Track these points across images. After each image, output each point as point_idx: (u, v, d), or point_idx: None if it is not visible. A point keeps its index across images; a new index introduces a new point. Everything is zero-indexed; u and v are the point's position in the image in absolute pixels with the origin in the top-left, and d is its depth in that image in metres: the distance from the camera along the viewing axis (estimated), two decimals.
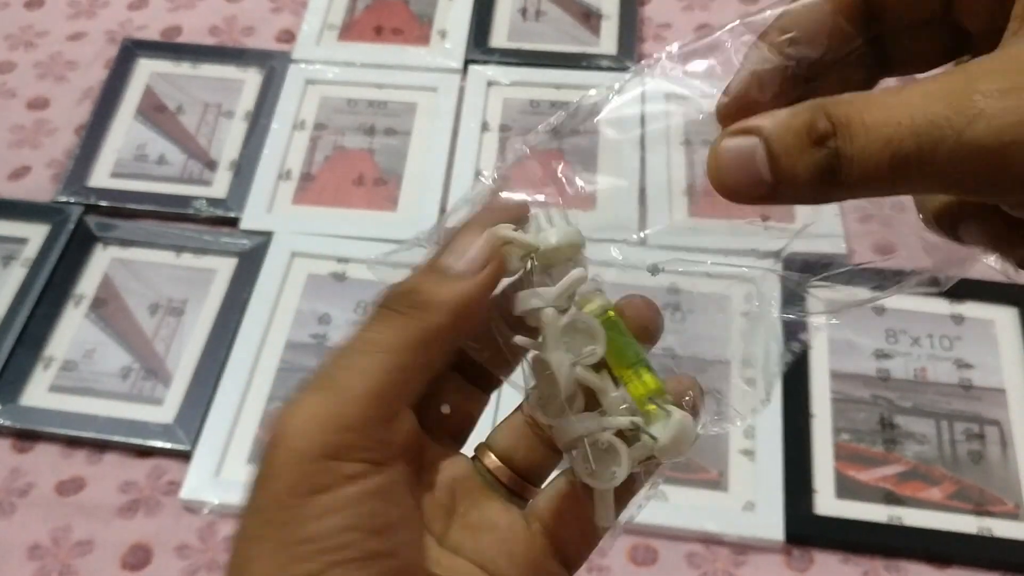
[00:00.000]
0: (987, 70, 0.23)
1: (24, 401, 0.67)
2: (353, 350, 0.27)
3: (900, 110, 0.23)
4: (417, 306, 0.27)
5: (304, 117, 0.83)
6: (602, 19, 0.90)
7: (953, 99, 0.22)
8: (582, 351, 0.29)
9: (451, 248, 0.29)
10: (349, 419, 0.25)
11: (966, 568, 0.61)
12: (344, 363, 0.27)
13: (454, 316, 0.27)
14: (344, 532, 0.24)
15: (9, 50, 0.89)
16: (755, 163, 0.25)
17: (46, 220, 0.76)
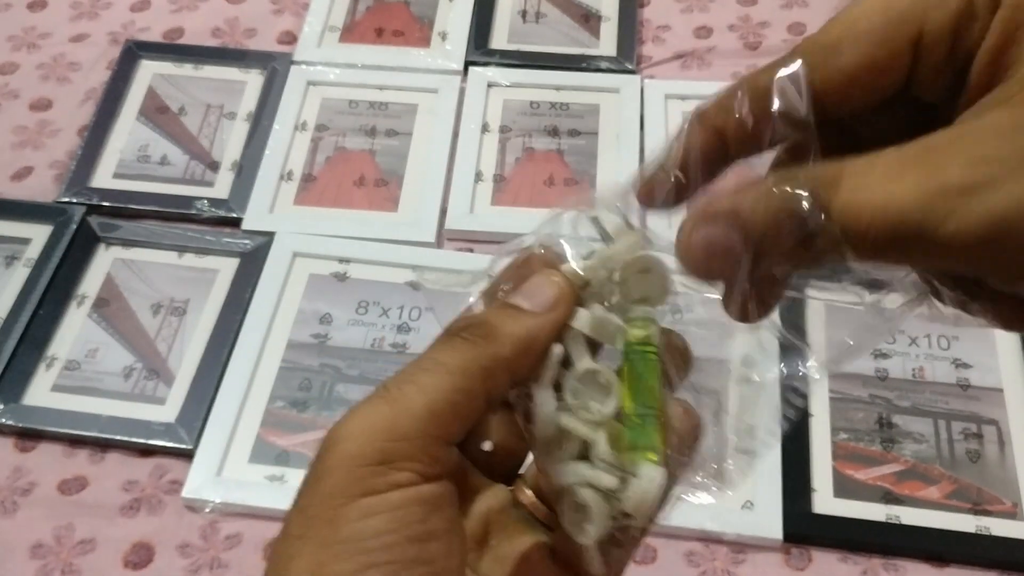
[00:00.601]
0: (951, 157, 0.23)
1: (27, 400, 0.68)
2: (418, 368, 0.27)
3: (872, 197, 0.23)
4: (485, 336, 0.28)
5: (305, 118, 0.83)
6: (602, 21, 0.91)
7: (923, 194, 0.23)
8: (588, 403, 0.28)
9: (523, 287, 0.29)
10: (405, 430, 0.26)
11: (964, 567, 0.61)
12: (408, 378, 0.27)
13: (519, 349, 0.28)
14: (385, 535, 0.25)
15: (12, 51, 0.89)
16: (733, 249, 0.25)
17: (49, 220, 0.76)
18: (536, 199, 0.79)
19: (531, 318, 0.28)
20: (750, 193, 0.25)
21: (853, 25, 0.25)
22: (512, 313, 0.28)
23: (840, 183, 0.23)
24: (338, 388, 0.68)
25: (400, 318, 0.71)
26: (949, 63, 0.25)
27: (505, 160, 0.81)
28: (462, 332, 0.28)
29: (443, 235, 0.77)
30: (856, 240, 0.23)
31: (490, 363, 0.27)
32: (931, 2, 0.24)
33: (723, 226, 0.25)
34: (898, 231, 0.23)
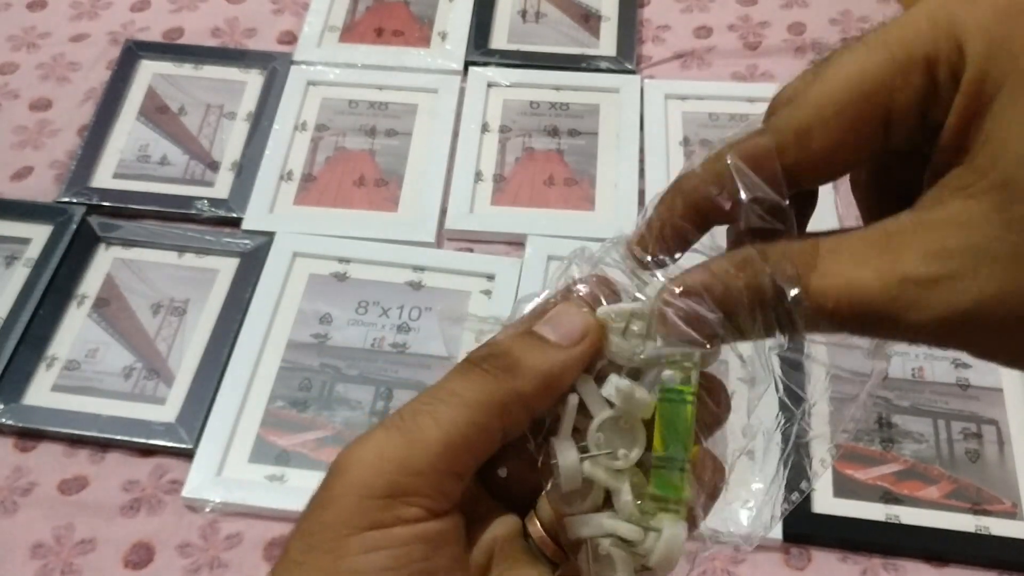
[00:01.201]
0: (912, 247, 0.24)
1: (27, 400, 0.68)
2: (435, 398, 0.27)
3: (837, 282, 0.24)
4: (505, 368, 0.27)
5: (305, 118, 0.83)
6: (601, 21, 0.91)
7: (885, 285, 0.23)
8: (615, 450, 0.28)
9: (549, 317, 0.28)
10: (417, 464, 0.25)
11: (963, 566, 0.61)
12: (424, 409, 0.26)
13: (540, 385, 0.27)
14: (387, 571, 0.25)
15: (12, 51, 0.89)
16: (704, 321, 0.26)
17: (49, 220, 0.76)
18: (536, 199, 0.79)
19: (555, 351, 0.27)
20: (720, 266, 0.26)
21: (822, 109, 0.25)
22: (535, 344, 0.28)
23: (809, 265, 0.25)
24: (338, 388, 0.68)
25: (400, 318, 0.71)
26: (920, 136, 0.25)
27: (505, 160, 0.81)
28: (483, 363, 0.27)
29: (443, 235, 0.77)
30: (825, 319, 0.24)
31: (509, 398, 0.27)
32: (896, 83, 0.24)
33: (694, 300, 0.26)
34: (864, 316, 0.24)
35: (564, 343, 0.28)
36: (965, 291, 0.23)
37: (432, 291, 0.73)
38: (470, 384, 0.27)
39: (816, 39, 0.89)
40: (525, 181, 0.80)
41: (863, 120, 0.25)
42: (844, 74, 0.25)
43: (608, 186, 0.79)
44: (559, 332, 0.28)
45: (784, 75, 0.87)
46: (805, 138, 0.26)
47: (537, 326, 0.28)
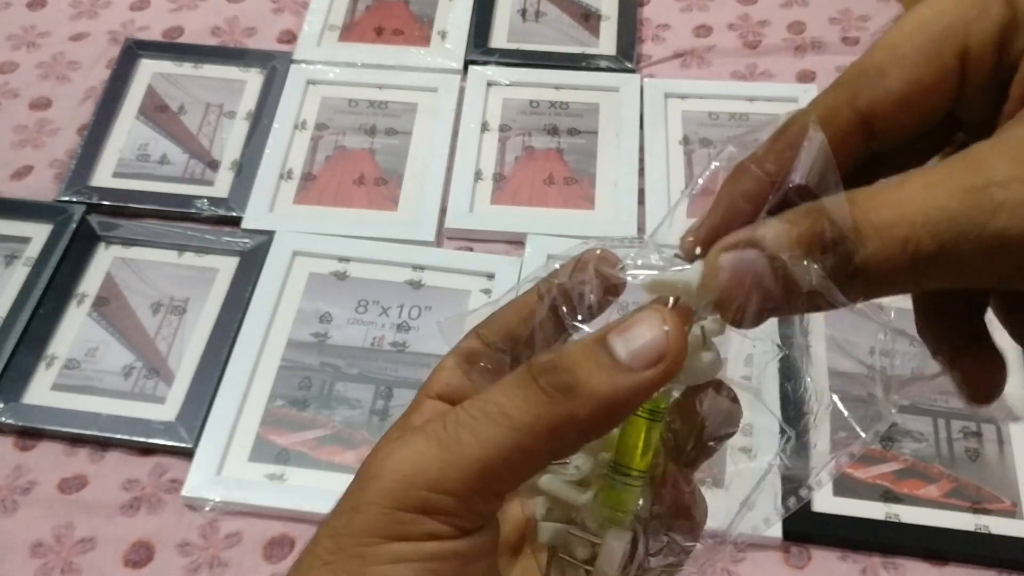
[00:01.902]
0: (996, 157, 0.22)
1: (27, 399, 0.68)
2: (483, 412, 0.25)
3: (910, 207, 0.22)
4: (564, 388, 0.24)
5: (305, 117, 0.83)
6: (601, 20, 0.91)
7: (968, 193, 0.22)
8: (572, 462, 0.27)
9: (623, 328, 0.25)
10: (452, 485, 0.24)
11: (963, 565, 0.61)
12: (469, 424, 0.25)
13: (598, 412, 0.24)
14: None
15: (11, 50, 0.89)
16: (760, 278, 0.23)
17: (49, 219, 0.76)
18: (536, 198, 0.79)
19: (623, 376, 0.24)
20: (778, 220, 0.23)
21: (897, 47, 0.24)
22: (602, 362, 0.25)
23: (875, 201, 0.22)
24: (338, 387, 0.68)
25: (400, 317, 0.72)
26: (995, 76, 0.24)
27: (505, 159, 0.81)
28: (541, 377, 0.25)
29: (443, 234, 0.77)
30: (895, 256, 0.22)
31: (562, 423, 0.24)
32: (972, 15, 0.24)
33: (749, 252, 0.23)
34: (943, 235, 0.22)
35: (635, 365, 0.24)
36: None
37: (432, 290, 0.73)
38: (522, 403, 0.25)
39: (816, 38, 0.89)
40: (525, 180, 0.80)
41: (941, 54, 0.24)
42: (919, 15, 0.24)
43: (608, 185, 0.79)
44: (631, 349, 0.25)
45: (784, 74, 0.87)
46: (880, 78, 0.24)
47: (612, 335, 0.25)
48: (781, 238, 0.23)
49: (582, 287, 0.27)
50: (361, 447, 0.65)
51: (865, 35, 0.89)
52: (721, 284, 0.24)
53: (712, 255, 0.24)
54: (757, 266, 0.23)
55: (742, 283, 0.23)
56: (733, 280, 0.23)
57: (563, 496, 0.28)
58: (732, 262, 0.24)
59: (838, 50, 0.88)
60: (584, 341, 0.25)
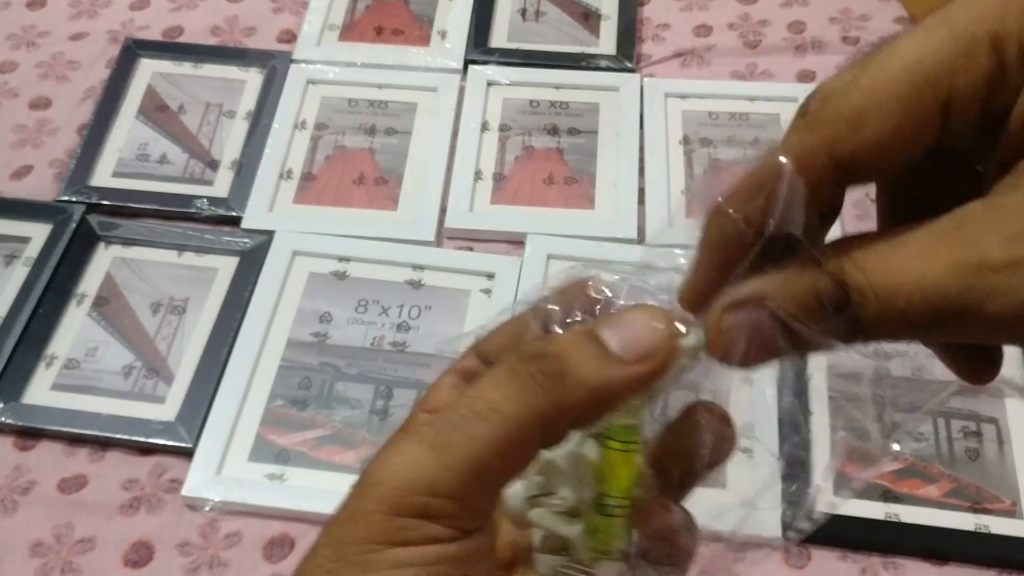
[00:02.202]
0: (988, 232, 0.22)
1: (26, 399, 0.68)
2: (473, 411, 0.25)
3: (905, 278, 0.22)
4: (554, 376, 0.25)
5: (305, 117, 0.83)
6: (601, 19, 0.91)
7: (961, 271, 0.22)
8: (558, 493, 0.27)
9: (617, 320, 0.26)
10: (450, 486, 0.24)
11: (963, 565, 0.61)
12: (459, 424, 0.25)
13: (588, 400, 0.25)
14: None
15: (11, 50, 0.89)
16: (765, 334, 0.24)
17: (48, 219, 0.76)
18: (536, 198, 0.79)
19: (615, 367, 0.25)
20: (777, 276, 0.24)
21: (876, 93, 0.23)
22: (595, 352, 0.25)
23: (871, 263, 0.23)
24: (338, 387, 0.68)
25: (400, 317, 0.71)
26: (981, 123, 0.24)
27: (505, 159, 0.81)
28: (530, 365, 0.25)
29: (443, 234, 0.77)
30: (895, 320, 0.23)
31: (552, 411, 0.25)
32: (958, 65, 0.23)
33: (752, 311, 0.24)
34: (938, 311, 0.22)
35: (626, 357, 0.25)
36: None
37: (432, 290, 0.73)
38: (511, 393, 0.25)
39: (816, 38, 0.89)
40: (525, 180, 0.80)
41: (922, 104, 0.23)
42: (901, 56, 0.23)
43: (608, 185, 0.79)
44: (623, 342, 0.25)
45: (784, 74, 0.87)
46: (859, 125, 0.23)
47: (602, 328, 0.25)
48: (784, 298, 0.23)
49: (572, 311, 0.27)
50: (361, 447, 0.65)
51: (865, 34, 0.89)
52: (727, 343, 0.24)
53: (714, 315, 0.25)
54: (762, 324, 0.24)
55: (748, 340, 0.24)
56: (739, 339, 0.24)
57: (553, 529, 0.28)
58: (736, 323, 0.24)
59: (838, 50, 0.88)
60: (574, 331, 0.26)
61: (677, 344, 0.25)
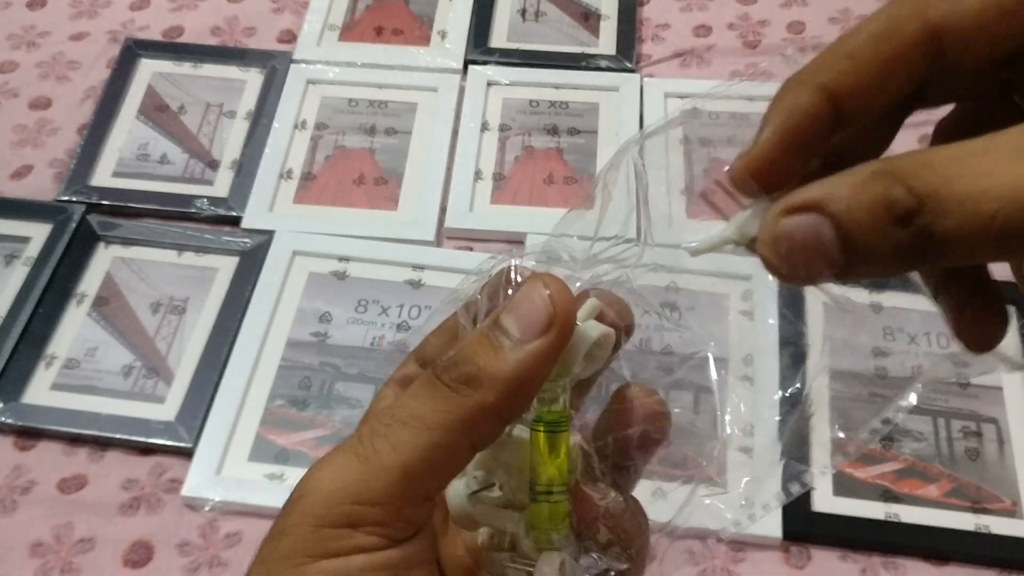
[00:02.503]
0: None
1: (26, 399, 0.68)
2: (395, 419, 0.25)
3: (998, 180, 0.20)
4: (467, 381, 0.25)
5: (305, 117, 0.83)
6: (601, 19, 0.91)
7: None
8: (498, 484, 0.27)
9: (511, 306, 0.25)
10: (375, 494, 0.24)
11: (963, 565, 0.61)
12: (383, 432, 0.25)
13: (505, 393, 0.25)
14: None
15: (11, 50, 0.89)
16: (823, 244, 0.21)
17: (48, 219, 0.76)
18: (535, 198, 0.79)
19: (519, 351, 0.25)
20: (844, 181, 0.21)
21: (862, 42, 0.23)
22: (497, 344, 0.25)
23: (956, 168, 0.20)
24: (338, 386, 0.68)
25: (400, 316, 0.71)
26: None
27: (504, 159, 0.81)
28: (445, 375, 0.25)
29: (443, 233, 0.77)
30: (977, 233, 0.20)
31: (474, 414, 0.25)
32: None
33: (812, 217, 0.21)
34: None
35: (527, 336, 0.25)
36: None
37: (432, 290, 0.73)
38: (431, 403, 0.25)
39: (816, 37, 0.89)
40: (525, 180, 0.80)
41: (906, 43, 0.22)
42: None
43: None
44: (520, 323, 0.25)
45: (784, 74, 0.86)
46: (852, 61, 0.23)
47: (503, 315, 0.25)
48: (850, 205, 0.21)
49: (497, 301, 0.27)
50: None
51: None
52: (781, 252, 0.22)
53: (771, 218, 0.22)
54: (821, 233, 0.21)
55: (803, 250, 0.21)
56: (794, 248, 0.22)
57: (496, 524, 0.27)
58: (794, 229, 0.21)
59: None
60: (480, 329, 0.26)
61: (572, 303, 0.25)
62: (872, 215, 0.20)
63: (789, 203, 0.22)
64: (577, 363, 0.26)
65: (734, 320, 0.67)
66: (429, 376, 0.25)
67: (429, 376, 0.25)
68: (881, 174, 0.20)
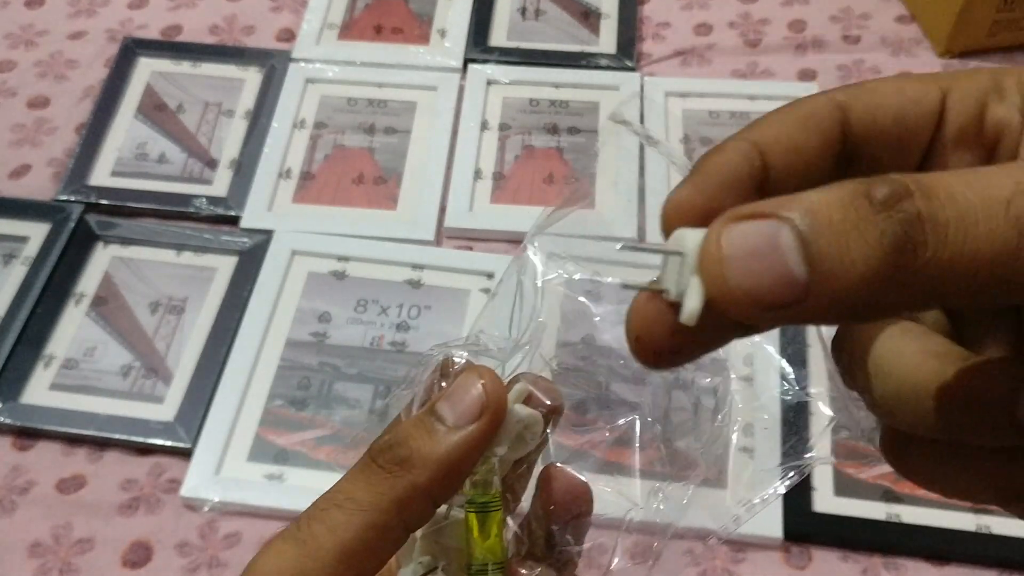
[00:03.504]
0: None
1: (25, 399, 0.67)
2: (331, 502, 0.26)
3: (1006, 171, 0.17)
4: (400, 462, 0.26)
5: (304, 116, 0.83)
6: (601, 18, 0.90)
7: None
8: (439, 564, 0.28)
9: (447, 394, 0.27)
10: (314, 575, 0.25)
11: (964, 565, 0.61)
12: (319, 516, 0.26)
13: (437, 474, 0.26)
14: None
15: (9, 49, 0.89)
16: (779, 254, 0.17)
17: (47, 219, 0.76)
18: (535, 197, 0.78)
19: (452, 435, 0.26)
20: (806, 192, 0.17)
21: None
22: (431, 429, 0.26)
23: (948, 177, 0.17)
24: (337, 387, 0.68)
25: (399, 316, 0.71)
26: None
27: (504, 158, 0.81)
28: (379, 457, 0.27)
29: (442, 233, 0.76)
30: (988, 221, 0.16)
31: (406, 494, 0.26)
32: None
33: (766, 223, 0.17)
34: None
35: (460, 423, 0.26)
36: None
37: (431, 289, 0.73)
38: (365, 485, 0.26)
39: (817, 36, 0.89)
40: (525, 179, 0.80)
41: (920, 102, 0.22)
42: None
43: (608, 184, 0.79)
44: (455, 409, 0.27)
45: (785, 73, 0.86)
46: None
47: (439, 403, 0.27)
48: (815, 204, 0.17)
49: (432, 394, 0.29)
50: (360, 447, 0.65)
51: (866, 33, 0.89)
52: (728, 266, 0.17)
53: (714, 228, 0.18)
54: (778, 240, 0.17)
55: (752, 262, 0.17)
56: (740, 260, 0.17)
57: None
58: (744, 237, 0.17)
59: (839, 48, 0.88)
60: (416, 415, 0.27)
61: (504, 392, 0.27)
62: (845, 207, 0.16)
63: (737, 212, 0.18)
64: (504, 445, 0.28)
65: None
66: (364, 459, 0.27)
67: (364, 459, 0.27)
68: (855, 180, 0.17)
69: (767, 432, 0.65)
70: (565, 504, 0.29)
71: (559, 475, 0.29)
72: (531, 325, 0.30)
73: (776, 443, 0.65)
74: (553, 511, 0.29)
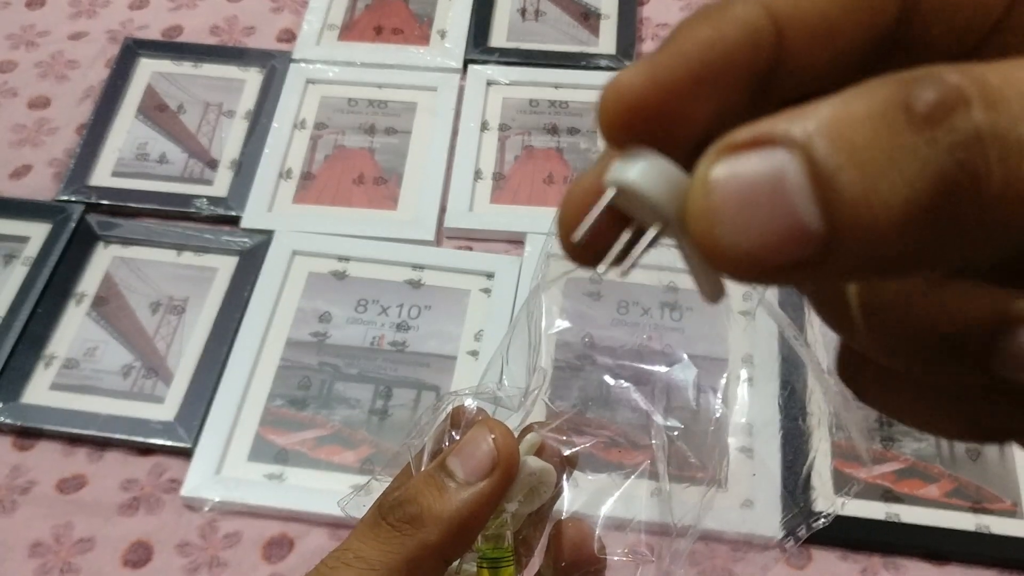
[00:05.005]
0: None
1: (25, 399, 0.68)
2: (340, 561, 0.26)
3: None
4: (411, 521, 0.26)
5: (304, 116, 0.83)
6: (601, 19, 0.90)
7: None
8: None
9: (457, 449, 0.27)
10: None
11: (964, 565, 0.61)
12: (330, 574, 0.26)
13: (448, 533, 0.26)
14: None
15: (10, 49, 0.89)
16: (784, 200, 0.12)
17: (47, 219, 0.76)
18: (535, 197, 0.79)
19: (463, 492, 0.26)
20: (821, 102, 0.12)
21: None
22: (442, 486, 0.26)
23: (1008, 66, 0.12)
24: (337, 386, 0.68)
25: (399, 316, 0.71)
26: None
27: (504, 158, 0.81)
28: (390, 515, 0.26)
29: (442, 233, 0.77)
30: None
31: (417, 553, 0.25)
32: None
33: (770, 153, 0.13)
34: None
35: (471, 479, 0.26)
36: None
37: (431, 289, 0.73)
38: (375, 543, 0.26)
39: None
40: (525, 179, 0.80)
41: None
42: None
43: None
44: (466, 465, 0.26)
45: None
46: None
47: (449, 458, 0.26)
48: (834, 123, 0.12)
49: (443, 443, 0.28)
50: (360, 447, 0.65)
51: None
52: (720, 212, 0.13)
53: (703, 165, 0.13)
54: (783, 178, 0.12)
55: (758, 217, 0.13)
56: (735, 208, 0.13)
57: None
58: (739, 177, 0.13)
59: None
60: (426, 470, 0.27)
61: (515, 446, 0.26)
62: (875, 124, 0.12)
63: (732, 139, 0.13)
64: (516, 499, 0.27)
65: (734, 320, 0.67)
66: (374, 516, 0.26)
67: (374, 516, 0.26)
68: (890, 80, 0.12)
69: (766, 432, 0.65)
70: (577, 563, 0.28)
71: (571, 532, 0.29)
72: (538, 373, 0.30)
73: (775, 442, 0.65)
74: (564, 568, 0.29)
